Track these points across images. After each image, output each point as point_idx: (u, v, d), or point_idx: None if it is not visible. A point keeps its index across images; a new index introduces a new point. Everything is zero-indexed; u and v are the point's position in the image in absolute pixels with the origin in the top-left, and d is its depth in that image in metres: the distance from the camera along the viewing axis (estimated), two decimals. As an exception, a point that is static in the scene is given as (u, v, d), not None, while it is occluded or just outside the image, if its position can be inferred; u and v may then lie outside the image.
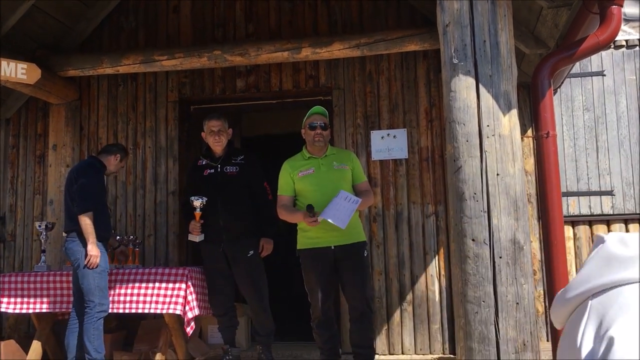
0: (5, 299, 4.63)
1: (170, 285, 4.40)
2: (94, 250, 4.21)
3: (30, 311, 4.64)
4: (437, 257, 5.08)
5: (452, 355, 4.86)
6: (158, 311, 4.42)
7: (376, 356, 4.23)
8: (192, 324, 4.33)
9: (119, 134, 5.71)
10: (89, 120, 5.73)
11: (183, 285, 4.38)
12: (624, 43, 5.15)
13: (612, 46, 5.11)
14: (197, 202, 4.40)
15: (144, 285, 4.46)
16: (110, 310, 4.44)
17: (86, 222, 4.23)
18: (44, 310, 4.63)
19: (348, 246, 3.94)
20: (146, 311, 4.44)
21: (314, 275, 3.94)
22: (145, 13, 5.76)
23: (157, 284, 4.43)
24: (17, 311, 4.63)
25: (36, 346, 4.71)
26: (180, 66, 5.03)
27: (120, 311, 4.48)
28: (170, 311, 4.37)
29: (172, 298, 4.37)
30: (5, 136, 5.93)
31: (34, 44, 5.24)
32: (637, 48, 5.15)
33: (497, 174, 2.97)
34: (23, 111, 5.94)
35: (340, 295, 4.55)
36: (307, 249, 3.98)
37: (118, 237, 4.96)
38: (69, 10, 5.41)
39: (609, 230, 4.96)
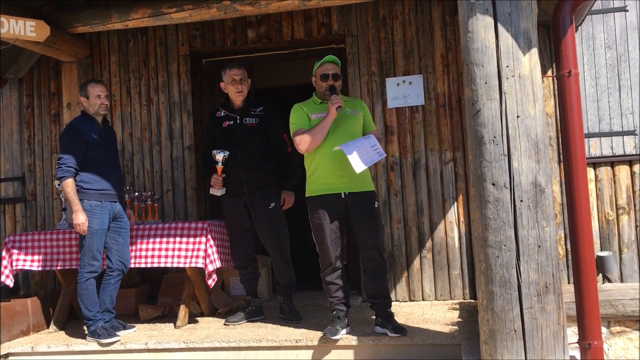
0: (29, 257, 4.71)
1: (191, 239, 4.43)
2: (77, 218, 4.18)
3: (54, 268, 4.72)
4: (455, 204, 5.05)
5: (472, 300, 4.88)
6: (180, 265, 4.48)
7: (397, 303, 4.25)
8: (214, 276, 4.38)
9: (131, 90, 5.68)
10: (101, 77, 5.69)
11: (203, 239, 4.40)
12: (648, -24, 4.94)
13: (636, -20, 4.90)
14: (220, 156, 4.36)
15: (165, 240, 4.50)
16: (132, 265, 4.51)
17: (65, 190, 4.21)
18: (67, 267, 4.71)
19: (359, 194, 3.85)
20: (168, 265, 4.50)
21: (323, 223, 3.83)
22: (151, -36, 5.62)
23: (177, 239, 4.47)
24: (40, 268, 4.72)
25: (63, 302, 4.82)
26: (189, 18, 4.93)
27: (143, 266, 4.54)
28: (192, 265, 4.41)
29: (193, 252, 4.41)
30: (19, 96, 5.93)
31: (41, 0, 5.15)
32: (662, -19, 4.94)
33: (517, 116, 2.90)
34: (35, 70, 5.92)
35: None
36: (317, 196, 3.87)
37: (136, 194, 4.98)
38: (74, -36, 5.29)
39: (631, 171, 4.86)
